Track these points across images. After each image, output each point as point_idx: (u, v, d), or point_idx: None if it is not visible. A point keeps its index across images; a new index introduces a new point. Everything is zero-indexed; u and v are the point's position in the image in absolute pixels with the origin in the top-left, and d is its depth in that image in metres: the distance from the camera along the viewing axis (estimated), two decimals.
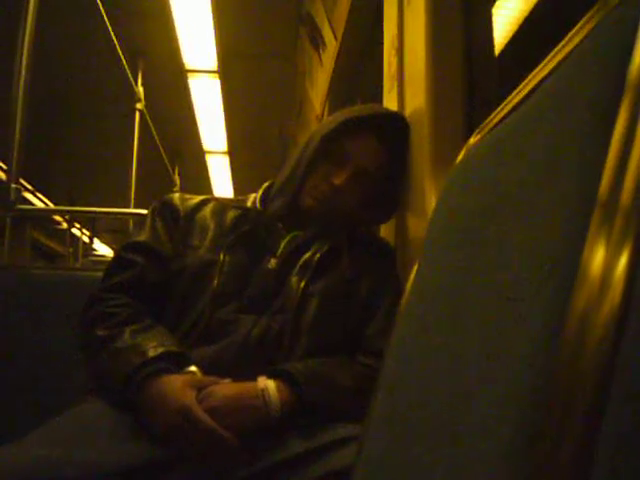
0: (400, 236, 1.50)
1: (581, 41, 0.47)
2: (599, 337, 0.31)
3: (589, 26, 0.47)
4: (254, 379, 1.04)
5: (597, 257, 0.33)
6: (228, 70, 4.95)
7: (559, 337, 0.34)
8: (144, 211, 2.37)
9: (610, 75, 0.40)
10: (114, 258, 1.29)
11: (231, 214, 1.31)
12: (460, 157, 0.77)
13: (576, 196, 0.39)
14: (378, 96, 1.80)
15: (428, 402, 0.55)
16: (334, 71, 3.84)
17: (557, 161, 0.45)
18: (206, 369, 1.06)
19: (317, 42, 3.98)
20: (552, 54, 0.53)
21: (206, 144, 7.01)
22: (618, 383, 0.29)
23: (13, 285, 1.69)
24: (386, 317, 1.23)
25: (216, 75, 4.97)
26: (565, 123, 0.45)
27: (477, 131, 0.74)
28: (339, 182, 1.27)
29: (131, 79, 4.07)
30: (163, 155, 6.04)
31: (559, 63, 0.51)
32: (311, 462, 0.96)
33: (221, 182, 8.71)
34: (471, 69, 1.38)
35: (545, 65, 0.54)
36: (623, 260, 0.31)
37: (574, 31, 0.49)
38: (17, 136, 2.23)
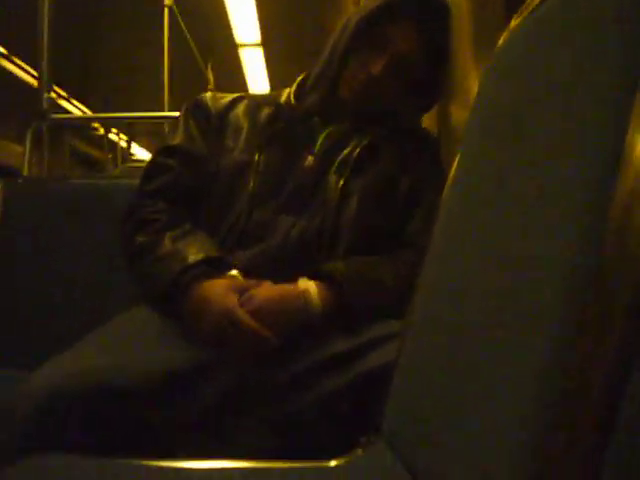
0: (444, 125, 1.44)
1: None
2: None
3: None
4: (295, 280, 1.04)
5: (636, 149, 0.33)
6: None
7: (602, 231, 0.34)
8: (179, 113, 2.33)
9: None
10: (150, 163, 1.28)
11: (265, 111, 1.26)
12: (500, 42, 0.72)
13: (619, 89, 0.38)
14: None
15: (465, 303, 0.55)
16: None
17: (601, 45, 0.42)
18: (247, 272, 1.06)
19: None
20: None
21: (239, 37, 6.84)
22: None
23: (54, 196, 1.69)
24: (428, 213, 1.18)
25: None
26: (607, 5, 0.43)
27: (518, 13, 0.69)
28: (377, 70, 1.20)
29: None
30: (195, 52, 5.92)
31: None
32: (353, 360, 0.96)
33: (256, 77, 8.54)
34: None
35: None
36: None
37: None
38: (45, 43, 2.18)
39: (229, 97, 1.31)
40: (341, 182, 1.15)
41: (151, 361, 0.94)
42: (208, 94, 1.31)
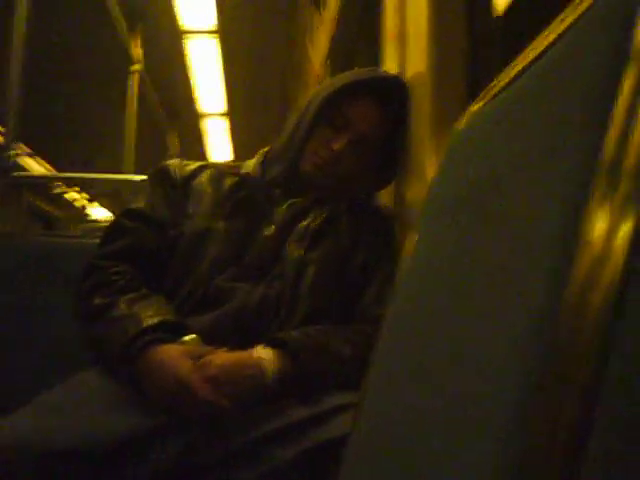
0: (399, 202, 1.48)
1: (587, 9, 0.47)
2: (599, 306, 0.32)
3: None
4: (252, 347, 1.04)
5: (599, 225, 0.34)
6: (227, 30, 4.87)
7: (559, 306, 0.34)
8: (139, 177, 2.35)
9: (617, 45, 0.39)
10: (111, 225, 1.28)
11: (229, 181, 1.29)
12: (462, 123, 0.75)
13: (581, 168, 0.39)
14: (378, 56, 1.77)
15: (425, 371, 0.55)
16: (335, 30, 3.78)
17: (561, 133, 0.44)
18: (203, 337, 1.06)
19: (318, 0, 3.92)
20: (557, 21, 0.52)
21: (204, 106, 6.95)
22: (618, 354, 0.30)
23: (9, 253, 1.67)
24: (383, 285, 1.22)
25: (215, 35, 4.89)
26: (569, 94, 0.45)
27: (479, 97, 0.72)
28: (339, 147, 1.25)
29: (129, 41, 4.00)
30: (160, 118, 5.98)
31: (564, 31, 0.50)
32: (308, 430, 0.96)
33: (220, 145, 8.64)
34: (474, 31, 1.35)
35: (549, 33, 0.53)
36: (625, 228, 0.32)
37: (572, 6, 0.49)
38: (14, 101, 2.20)
39: (194, 165, 1.33)
40: (300, 252, 1.18)
41: (102, 424, 0.92)
42: (174, 161, 1.34)
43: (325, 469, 0.90)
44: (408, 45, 1.49)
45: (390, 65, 1.59)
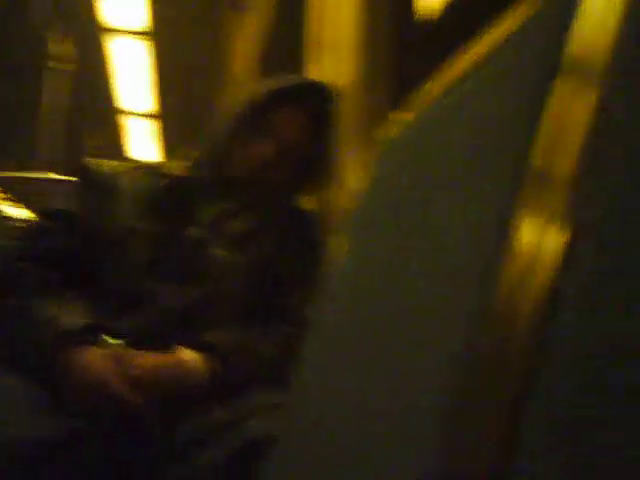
0: (324, 208, 1.50)
1: (517, 25, 0.48)
2: (528, 315, 0.31)
3: (524, 10, 0.47)
4: (176, 349, 1.03)
5: (527, 233, 0.34)
6: (155, 32, 4.81)
7: (487, 315, 0.35)
8: (60, 176, 2.29)
9: (549, 54, 0.40)
10: (30, 225, 1.25)
11: (152, 181, 1.27)
12: (391, 133, 0.76)
13: (511, 179, 0.40)
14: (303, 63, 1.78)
15: (358, 375, 0.55)
16: (259, 35, 3.79)
17: (491, 145, 0.45)
18: (128, 340, 1.05)
19: (240, 6, 3.93)
20: (489, 31, 0.53)
21: (129, 106, 6.82)
22: (548, 364, 0.30)
23: None
24: (306, 288, 1.24)
25: (142, 36, 4.82)
26: (502, 104, 0.45)
27: (408, 107, 0.73)
28: (265, 155, 1.25)
29: (53, 36, 3.89)
30: (82, 117, 5.84)
31: (498, 42, 0.51)
32: (233, 431, 0.96)
33: (144, 146, 8.50)
34: (399, 39, 1.38)
35: (482, 43, 0.54)
36: (553, 237, 0.32)
37: (509, 14, 0.50)
38: None
39: (117, 164, 1.31)
40: (225, 256, 1.18)
41: (23, 428, 0.90)
42: (95, 160, 1.31)
43: (251, 469, 0.91)
44: (332, 52, 1.51)
45: (314, 71, 1.61)
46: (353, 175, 1.31)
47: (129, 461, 0.96)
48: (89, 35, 4.87)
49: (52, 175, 2.49)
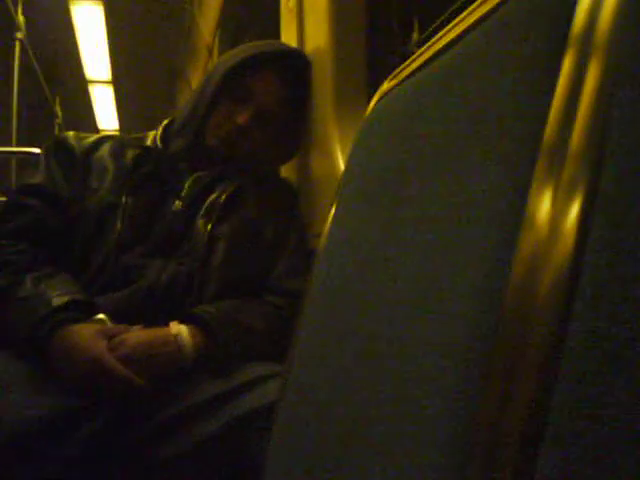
0: (303, 176, 1.51)
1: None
2: (548, 292, 0.30)
3: None
4: (165, 324, 1.04)
5: (544, 205, 0.32)
6: None
7: (501, 292, 0.33)
8: (29, 149, 2.24)
9: (545, 30, 0.40)
10: (8, 202, 1.22)
11: (130, 153, 1.25)
12: (373, 103, 0.76)
13: (512, 153, 0.39)
14: (271, 27, 1.76)
15: (353, 348, 0.54)
16: (224, 0, 3.73)
17: (487, 119, 0.44)
18: (115, 316, 1.04)
19: None
20: (472, 7, 0.53)
21: (89, 73, 6.69)
22: (570, 338, 0.29)
23: None
24: (291, 257, 1.25)
25: (100, 2, 4.71)
26: (505, 74, 0.44)
27: (391, 77, 0.73)
28: (242, 121, 1.25)
29: (11, 8, 3.77)
30: (45, 87, 5.70)
31: (484, 17, 0.50)
32: (227, 403, 0.97)
33: (105, 114, 8.37)
34: (374, 9, 1.38)
35: (467, 16, 0.54)
36: (575, 206, 0.31)
37: None
38: None
39: (93, 137, 1.29)
40: (208, 227, 1.18)
41: (19, 406, 0.89)
42: (71, 133, 1.28)
43: (248, 440, 0.93)
44: (307, 18, 1.50)
45: (289, 38, 1.59)
46: (332, 141, 1.31)
47: (123, 437, 0.96)
48: (49, 2, 4.75)
49: (20, 148, 2.43)
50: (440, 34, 0.60)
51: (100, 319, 1.03)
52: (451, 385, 0.37)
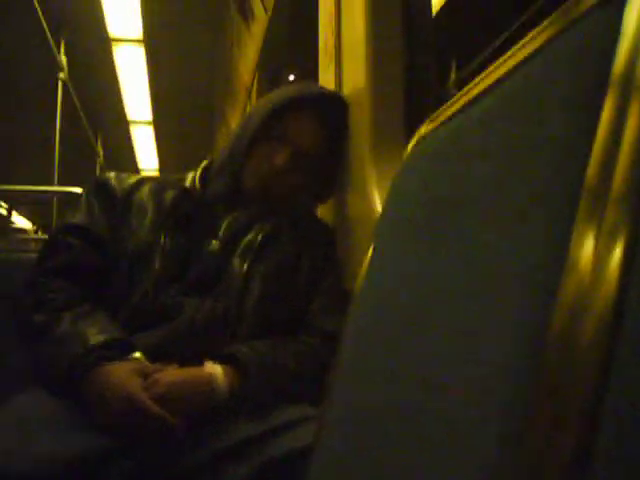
0: (339, 217, 1.51)
1: (550, 39, 0.47)
2: (591, 337, 0.30)
3: (559, 25, 0.46)
4: (200, 363, 1.03)
5: (587, 249, 0.32)
6: (153, 39, 4.82)
7: (544, 337, 0.33)
8: (70, 188, 2.29)
9: (586, 74, 0.40)
10: (49, 241, 1.25)
11: (170, 194, 1.27)
12: (412, 146, 0.76)
13: (553, 196, 0.39)
14: (308, 70, 1.78)
15: (393, 392, 0.54)
16: (263, 42, 3.79)
17: (527, 161, 0.44)
18: (151, 355, 1.05)
19: (246, 12, 3.93)
20: (514, 50, 0.52)
21: (130, 114, 6.86)
22: (613, 385, 0.28)
23: None
24: (327, 297, 1.24)
25: (141, 44, 4.84)
26: (536, 123, 0.44)
27: (430, 119, 0.72)
28: (280, 162, 1.26)
29: (54, 48, 3.90)
30: (86, 126, 5.85)
31: (525, 60, 0.50)
32: (260, 446, 0.96)
33: (146, 153, 8.55)
34: (412, 49, 1.39)
35: (508, 59, 0.53)
36: (617, 251, 0.30)
37: (542, 27, 0.48)
38: None
39: (133, 178, 1.31)
40: (245, 267, 1.18)
41: (51, 447, 0.89)
42: (112, 174, 1.31)
43: None
44: (344, 60, 1.52)
45: (327, 80, 1.61)
46: (368, 182, 1.31)
47: (155, 477, 0.95)
48: (91, 45, 4.89)
49: (63, 187, 2.48)
50: (480, 77, 0.60)
51: (136, 357, 1.03)
52: (493, 434, 0.36)
